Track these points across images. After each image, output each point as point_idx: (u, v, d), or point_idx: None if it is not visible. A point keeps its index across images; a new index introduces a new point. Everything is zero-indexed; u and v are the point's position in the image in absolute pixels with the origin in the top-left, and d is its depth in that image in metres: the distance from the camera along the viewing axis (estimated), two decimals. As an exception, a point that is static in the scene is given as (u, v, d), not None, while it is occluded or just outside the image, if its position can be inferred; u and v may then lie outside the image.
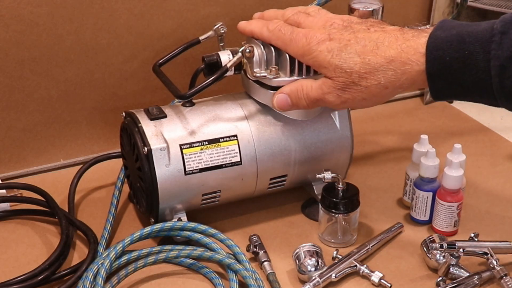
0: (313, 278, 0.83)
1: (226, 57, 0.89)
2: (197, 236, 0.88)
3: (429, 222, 0.95)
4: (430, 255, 0.87)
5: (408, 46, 0.76)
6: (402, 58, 0.76)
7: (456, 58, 0.72)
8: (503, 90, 0.71)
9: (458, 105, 1.31)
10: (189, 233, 0.88)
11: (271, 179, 0.94)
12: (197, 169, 0.88)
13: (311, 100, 0.84)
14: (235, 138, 0.90)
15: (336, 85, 0.80)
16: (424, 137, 0.96)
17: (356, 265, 0.86)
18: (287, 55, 0.87)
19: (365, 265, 0.86)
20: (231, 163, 0.89)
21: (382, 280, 0.85)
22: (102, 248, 0.88)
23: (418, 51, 0.75)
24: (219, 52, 0.90)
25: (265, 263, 0.87)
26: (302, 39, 0.82)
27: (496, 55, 0.70)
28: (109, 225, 0.92)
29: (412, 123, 1.25)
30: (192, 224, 0.88)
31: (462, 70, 0.72)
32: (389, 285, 0.84)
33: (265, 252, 0.89)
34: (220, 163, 0.89)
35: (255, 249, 0.89)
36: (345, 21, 0.82)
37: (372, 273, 0.85)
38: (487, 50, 0.71)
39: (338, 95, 0.80)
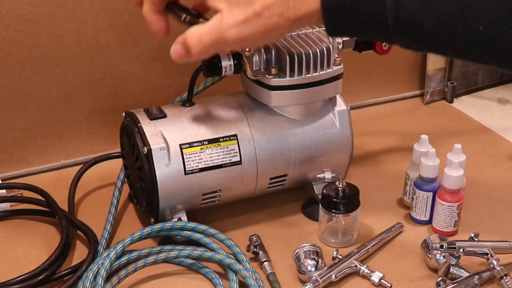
0: (313, 278, 0.83)
1: (225, 57, 0.89)
2: (197, 236, 0.88)
3: (429, 222, 0.95)
4: (430, 255, 0.87)
5: None
6: None
7: None
8: (398, 25, 0.67)
9: (458, 105, 1.31)
10: (189, 233, 0.88)
11: (271, 179, 0.94)
12: (197, 169, 0.88)
13: (204, 46, 0.75)
14: (235, 137, 0.90)
15: (236, 19, 0.73)
16: (424, 137, 0.96)
17: (356, 265, 0.86)
18: (287, 55, 0.87)
19: (365, 265, 0.86)
20: (231, 162, 0.89)
21: (382, 280, 0.85)
22: (102, 248, 0.88)
23: None
24: (219, 52, 0.90)
25: (265, 263, 0.87)
26: None
27: None
28: (109, 225, 0.92)
29: (412, 123, 1.25)
30: (192, 224, 0.88)
31: (357, 2, 0.69)
32: (389, 285, 0.84)
33: (265, 252, 0.89)
34: (220, 163, 0.89)
35: (255, 249, 0.89)
36: None
37: (372, 273, 0.85)
38: None
39: (239, 31, 0.73)
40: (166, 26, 0.82)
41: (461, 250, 0.85)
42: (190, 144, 0.88)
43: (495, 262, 0.84)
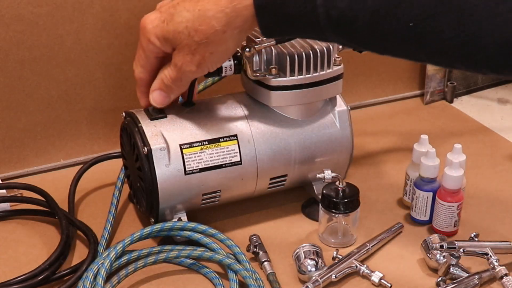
0: (313, 278, 0.83)
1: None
2: (197, 236, 0.88)
3: (429, 222, 0.95)
4: (430, 255, 0.87)
5: None
6: None
7: None
8: (330, 23, 0.66)
9: (458, 105, 1.31)
10: (189, 233, 0.88)
11: (271, 179, 0.94)
12: (197, 169, 0.88)
13: (177, 82, 0.82)
14: (235, 138, 0.90)
15: (184, 52, 0.78)
16: (424, 137, 0.96)
17: (356, 265, 0.86)
18: (287, 55, 0.87)
19: (365, 265, 0.86)
20: (231, 163, 0.89)
21: (382, 280, 0.85)
22: (102, 248, 0.88)
23: None
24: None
25: (265, 263, 0.87)
26: (140, 32, 0.82)
27: None
28: (109, 225, 0.92)
29: (412, 123, 1.25)
30: (192, 224, 0.88)
31: (288, 1, 0.68)
32: (389, 285, 0.84)
33: (265, 252, 0.89)
34: (220, 163, 0.89)
35: (255, 249, 0.89)
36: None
37: (372, 273, 0.85)
38: None
39: (191, 61, 0.78)
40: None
41: (461, 250, 0.85)
42: (190, 144, 0.88)
43: (495, 262, 0.84)
